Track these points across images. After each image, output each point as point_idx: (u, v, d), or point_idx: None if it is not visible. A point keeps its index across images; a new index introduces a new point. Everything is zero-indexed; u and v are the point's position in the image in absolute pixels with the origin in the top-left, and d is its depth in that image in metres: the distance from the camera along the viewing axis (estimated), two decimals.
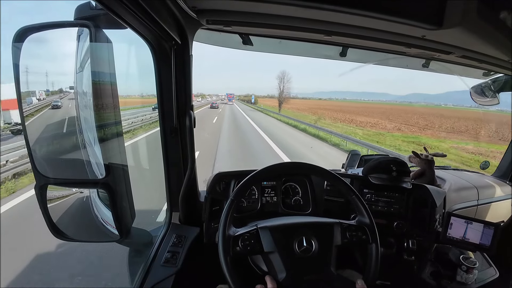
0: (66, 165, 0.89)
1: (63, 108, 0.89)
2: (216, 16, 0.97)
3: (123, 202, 0.89)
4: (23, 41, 0.73)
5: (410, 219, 1.32)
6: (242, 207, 1.31)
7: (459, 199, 1.59)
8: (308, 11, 0.86)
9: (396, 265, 1.31)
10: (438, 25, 0.85)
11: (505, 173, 1.99)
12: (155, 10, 0.77)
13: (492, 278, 1.36)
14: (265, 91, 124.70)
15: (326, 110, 42.81)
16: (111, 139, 0.87)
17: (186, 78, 1.13)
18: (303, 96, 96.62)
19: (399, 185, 1.33)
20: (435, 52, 1.21)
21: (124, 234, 0.91)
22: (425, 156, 1.57)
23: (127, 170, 0.92)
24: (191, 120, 1.15)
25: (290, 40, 1.27)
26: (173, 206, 1.32)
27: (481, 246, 1.23)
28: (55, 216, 0.85)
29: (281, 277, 0.83)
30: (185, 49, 1.09)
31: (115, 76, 0.82)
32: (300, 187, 1.39)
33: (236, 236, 0.86)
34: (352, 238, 0.91)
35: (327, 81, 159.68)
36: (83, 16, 0.80)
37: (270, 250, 0.86)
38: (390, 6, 0.81)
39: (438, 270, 1.35)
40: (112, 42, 0.81)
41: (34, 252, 3.00)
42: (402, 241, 1.32)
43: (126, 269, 1.18)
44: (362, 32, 1.03)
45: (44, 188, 0.81)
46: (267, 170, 1.00)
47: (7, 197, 4.48)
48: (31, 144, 0.79)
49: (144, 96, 14.47)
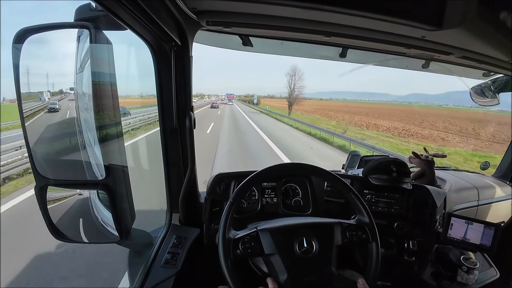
0: (66, 166, 0.89)
1: (62, 109, 0.89)
2: (216, 17, 0.98)
3: (123, 203, 0.89)
4: (23, 42, 0.73)
5: (411, 219, 1.32)
6: (242, 208, 1.31)
7: (460, 199, 1.59)
8: (307, 12, 0.87)
9: (397, 266, 1.31)
10: (437, 26, 0.85)
11: (505, 173, 1.99)
12: (155, 11, 0.77)
13: (493, 279, 1.36)
14: (266, 91, 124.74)
15: (337, 112, 37.36)
16: (111, 140, 0.87)
17: (186, 79, 1.13)
18: (304, 96, 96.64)
19: (399, 186, 1.33)
20: (435, 52, 1.21)
21: (124, 235, 0.91)
22: (425, 157, 1.57)
23: (127, 171, 0.92)
24: (191, 121, 1.15)
25: (289, 41, 1.28)
26: (173, 207, 1.32)
27: (482, 247, 1.23)
28: (55, 217, 0.85)
29: (282, 279, 0.83)
30: (185, 50, 1.09)
31: (115, 77, 0.82)
32: (300, 188, 1.39)
33: (236, 239, 0.86)
34: (352, 237, 0.91)
35: (327, 81, 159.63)
36: (83, 17, 0.80)
37: (270, 252, 0.86)
38: (389, 7, 0.81)
39: (439, 271, 1.35)
40: (112, 43, 0.81)
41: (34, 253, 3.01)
42: (403, 241, 1.32)
43: (126, 270, 1.18)
44: (361, 33, 1.03)
45: (44, 189, 0.81)
46: (266, 171, 1.00)
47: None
48: (31, 145, 0.79)
49: (143, 96, 14.47)
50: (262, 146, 10.78)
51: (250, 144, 11.56)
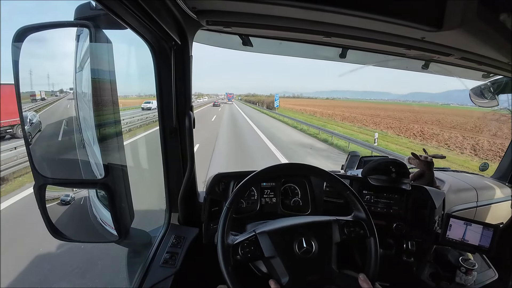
0: (65, 165, 0.89)
1: (58, 110, 0.89)
2: (216, 17, 0.97)
3: (122, 203, 0.89)
4: (22, 40, 0.73)
5: (410, 220, 1.32)
6: (241, 208, 1.31)
7: (458, 200, 1.59)
8: (307, 12, 0.87)
9: (396, 266, 1.31)
10: (437, 27, 0.85)
11: (504, 174, 1.99)
12: (155, 10, 0.77)
13: (491, 280, 1.36)
14: (267, 91, 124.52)
15: (363, 115, 32.93)
16: (111, 139, 0.87)
17: (186, 79, 1.13)
18: (308, 95, 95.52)
19: (398, 187, 1.33)
20: (435, 53, 1.21)
21: (123, 235, 0.91)
22: (424, 158, 1.57)
23: (126, 170, 0.92)
24: (190, 121, 1.15)
25: (289, 41, 1.28)
26: (172, 207, 1.32)
27: (480, 248, 1.23)
28: (53, 216, 0.85)
29: (284, 281, 0.82)
30: (185, 49, 1.09)
31: (114, 76, 0.82)
32: (300, 188, 1.39)
33: (235, 245, 0.85)
34: (351, 233, 0.91)
35: (327, 80, 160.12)
36: (83, 16, 0.80)
37: (270, 255, 0.85)
38: (389, 7, 0.81)
39: (437, 272, 1.36)
40: (112, 43, 0.81)
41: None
42: (402, 242, 1.32)
43: (125, 269, 1.18)
44: (361, 34, 1.03)
45: (43, 188, 0.81)
46: (265, 171, 0.99)
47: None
48: (30, 144, 0.79)
49: (142, 96, 14.45)
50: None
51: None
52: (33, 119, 0.83)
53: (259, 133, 14.77)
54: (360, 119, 30.14)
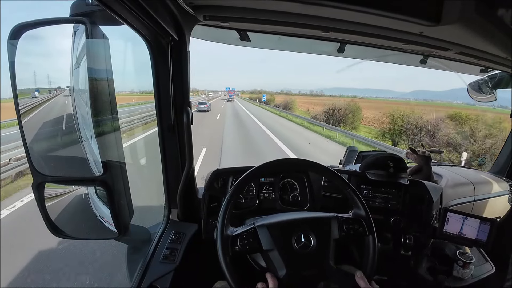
0: (64, 163, 0.89)
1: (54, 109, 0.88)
2: (213, 12, 0.97)
3: (121, 199, 0.89)
4: (18, 38, 0.72)
5: (407, 214, 1.33)
6: (240, 204, 1.32)
7: (456, 195, 1.60)
8: (305, 7, 0.86)
9: (393, 260, 1.32)
10: (436, 22, 0.84)
11: (501, 169, 2.00)
12: (151, 6, 0.76)
13: (488, 273, 1.38)
14: (273, 87, 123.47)
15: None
16: (108, 136, 0.87)
17: (183, 75, 1.12)
18: (305, 92, 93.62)
19: (396, 181, 1.33)
20: (433, 48, 1.21)
21: (123, 231, 0.91)
22: (422, 152, 1.58)
23: (124, 167, 0.92)
24: (188, 117, 1.14)
25: (287, 36, 1.27)
26: (171, 203, 1.32)
27: (478, 242, 1.24)
28: (53, 214, 0.85)
29: (281, 274, 0.83)
30: (182, 45, 1.08)
31: (111, 72, 0.82)
32: (298, 183, 1.39)
33: (234, 236, 0.86)
34: (349, 231, 0.92)
35: (327, 78, 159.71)
36: (79, 12, 0.79)
37: (269, 248, 0.86)
38: (388, 2, 0.81)
39: (435, 265, 1.37)
40: (109, 39, 0.80)
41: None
42: (399, 236, 1.33)
43: (125, 266, 1.19)
44: (360, 28, 1.03)
45: (41, 186, 0.81)
46: (264, 167, 1.00)
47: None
48: (28, 142, 0.79)
49: (137, 92, 14.23)
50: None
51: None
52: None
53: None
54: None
